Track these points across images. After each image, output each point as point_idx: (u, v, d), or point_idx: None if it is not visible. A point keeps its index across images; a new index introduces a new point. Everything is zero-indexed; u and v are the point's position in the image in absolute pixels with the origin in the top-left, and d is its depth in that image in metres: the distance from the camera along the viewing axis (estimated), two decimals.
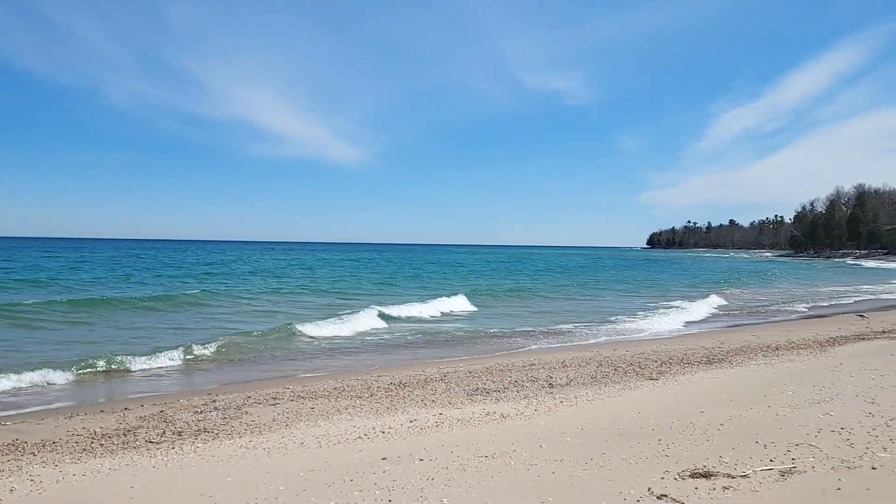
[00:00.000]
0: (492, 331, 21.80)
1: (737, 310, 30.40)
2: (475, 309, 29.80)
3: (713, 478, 5.60)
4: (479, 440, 7.69)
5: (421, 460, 6.79)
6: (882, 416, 7.57)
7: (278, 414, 9.99)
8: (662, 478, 5.71)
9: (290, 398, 11.13)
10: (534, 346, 18.49)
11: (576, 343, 19.18)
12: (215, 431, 9.03)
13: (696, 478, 5.65)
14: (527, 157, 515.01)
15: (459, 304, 30.45)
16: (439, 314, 27.45)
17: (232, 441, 8.42)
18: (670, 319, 25.45)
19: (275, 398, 11.13)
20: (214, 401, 11.09)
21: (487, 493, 5.57)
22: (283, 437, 8.50)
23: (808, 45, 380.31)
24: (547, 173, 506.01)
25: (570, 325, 23.20)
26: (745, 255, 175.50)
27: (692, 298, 34.40)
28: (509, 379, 12.65)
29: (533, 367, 14.12)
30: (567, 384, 12.13)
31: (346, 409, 10.25)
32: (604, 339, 19.98)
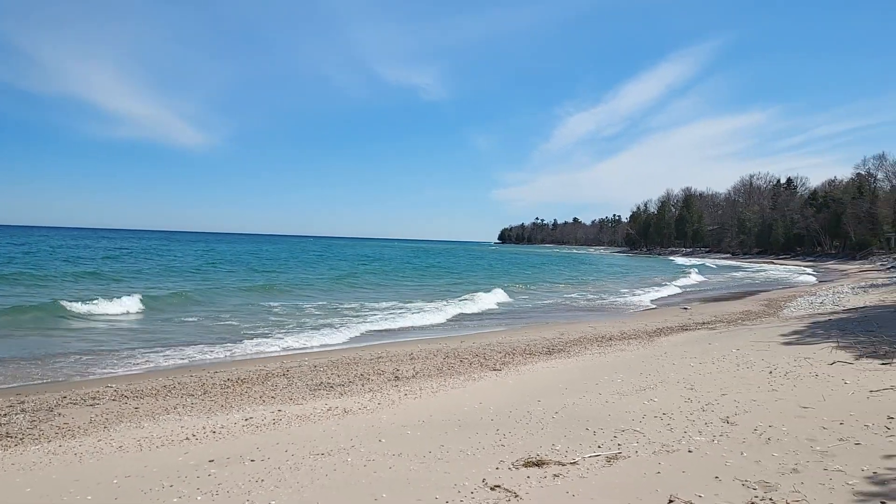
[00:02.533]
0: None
1: (579, 303, 32.03)
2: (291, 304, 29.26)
3: (545, 466, 5.69)
4: (317, 437, 7.41)
5: (252, 461, 6.41)
6: (699, 402, 8.11)
7: (96, 415, 9.12)
8: (497, 468, 5.74)
9: (112, 398, 10.22)
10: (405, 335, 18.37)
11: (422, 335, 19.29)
12: (20, 436, 8.08)
13: (530, 466, 5.72)
14: (383, 150, 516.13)
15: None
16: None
17: (39, 447, 7.56)
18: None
19: (94, 398, 10.17)
20: (22, 402, 9.95)
21: (319, 493, 5.32)
22: (99, 440, 7.74)
23: (643, 57, 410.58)
24: (403, 167, 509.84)
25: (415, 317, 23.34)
26: (593, 252, 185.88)
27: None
28: (355, 372, 12.41)
29: (381, 359, 13.98)
30: (413, 376, 12.10)
31: (175, 408, 9.56)
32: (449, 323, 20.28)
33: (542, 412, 8.08)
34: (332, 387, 11.14)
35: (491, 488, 5.18)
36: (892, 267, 56.41)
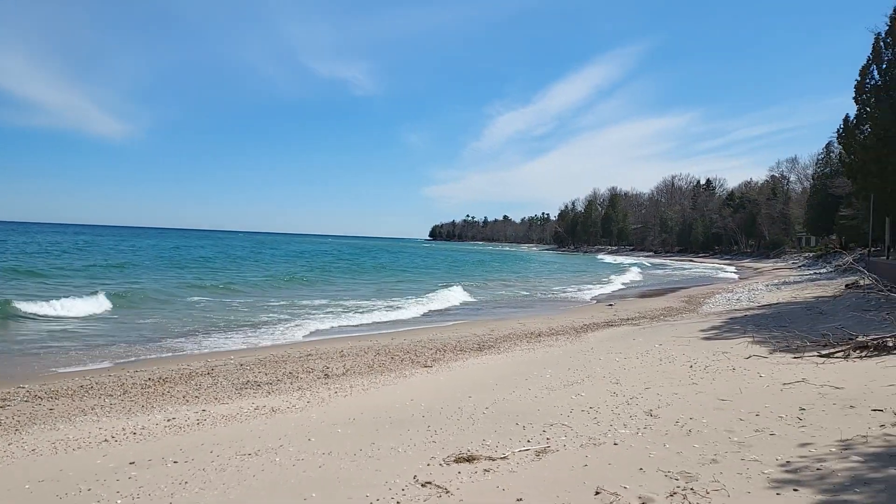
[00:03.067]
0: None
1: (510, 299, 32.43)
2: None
3: (476, 461, 5.73)
4: (244, 437, 7.23)
5: (175, 462, 6.20)
6: (624, 396, 8.34)
7: (7, 417, 8.64)
8: (428, 464, 5.74)
9: (25, 399, 9.71)
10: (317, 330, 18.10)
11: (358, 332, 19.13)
12: None
13: (460, 462, 5.74)
14: (314, 144, 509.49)
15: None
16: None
17: None
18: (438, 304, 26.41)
19: (4, 400, 9.64)
20: None
21: (246, 494, 5.20)
22: (9, 443, 7.34)
23: (571, 59, 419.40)
24: (335, 162, 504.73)
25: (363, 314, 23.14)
26: (525, 250, 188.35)
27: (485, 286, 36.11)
28: (284, 370, 12.19)
29: (310, 357, 13.78)
30: (344, 374, 11.98)
31: (92, 409, 9.16)
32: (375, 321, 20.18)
33: (472, 408, 8.13)
34: (259, 385, 10.91)
35: (422, 485, 5.18)
36: (803, 265, 59.45)
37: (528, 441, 6.33)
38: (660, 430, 6.47)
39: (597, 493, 4.74)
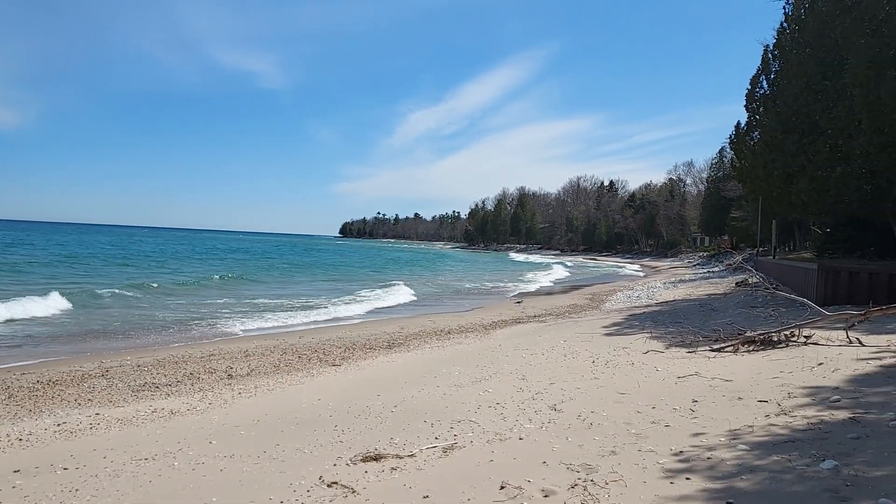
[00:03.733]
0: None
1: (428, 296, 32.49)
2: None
3: (383, 460, 5.71)
4: (140, 441, 6.93)
5: (65, 469, 5.87)
6: (530, 391, 8.52)
7: None
8: (335, 465, 5.67)
9: None
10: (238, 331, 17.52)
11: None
12: None
13: (368, 461, 5.71)
14: (219, 137, 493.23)
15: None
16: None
17: None
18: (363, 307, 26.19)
19: None
20: None
21: (142, 501, 4.98)
22: None
23: (482, 59, 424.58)
24: (242, 155, 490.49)
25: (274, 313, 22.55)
26: (440, 248, 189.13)
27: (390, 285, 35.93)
28: (184, 371, 11.76)
29: (213, 357, 13.35)
30: (248, 374, 11.68)
31: None
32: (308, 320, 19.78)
33: (381, 406, 8.10)
34: (157, 387, 10.48)
35: (328, 485, 5.11)
36: (698, 264, 62.58)
37: (436, 438, 6.37)
38: (563, 423, 6.65)
39: (501, 487, 4.82)
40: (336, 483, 5.14)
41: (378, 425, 7.12)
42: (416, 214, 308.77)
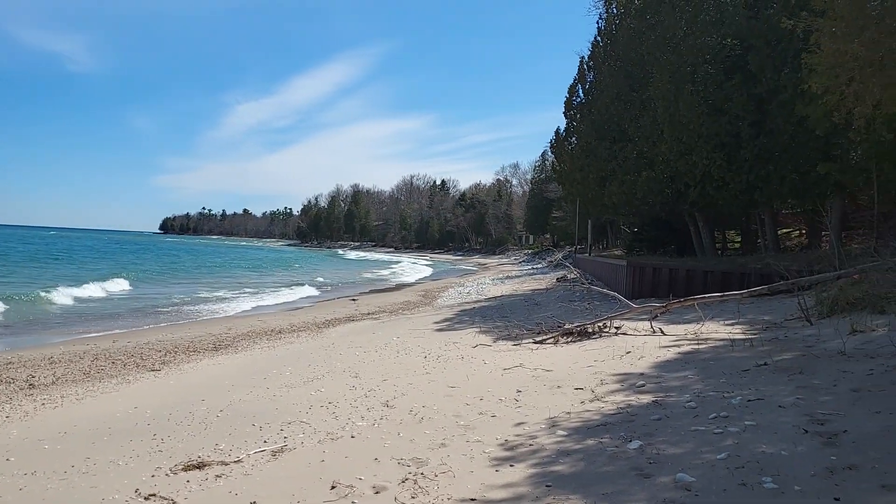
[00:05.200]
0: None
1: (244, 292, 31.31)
2: None
3: (207, 467, 5.44)
4: None
5: None
6: (363, 389, 8.51)
7: None
8: (153, 476, 5.32)
9: None
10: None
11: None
12: None
13: (190, 470, 5.41)
14: (18, 121, 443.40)
15: None
16: None
17: None
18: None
19: None
20: None
21: None
22: None
23: (314, 54, 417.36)
24: (44, 141, 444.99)
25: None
26: (276, 245, 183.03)
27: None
28: None
29: (10, 365, 12.01)
30: (53, 383, 10.64)
31: None
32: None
33: (205, 412, 7.72)
34: None
35: (145, 498, 4.78)
36: (523, 261, 65.93)
37: (265, 441, 6.17)
38: (395, 419, 6.72)
39: (332, 487, 4.77)
40: (154, 495, 4.83)
41: (202, 432, 6.77)
42: (244, 210, 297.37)
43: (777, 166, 19.10)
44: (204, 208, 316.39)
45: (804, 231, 27.30)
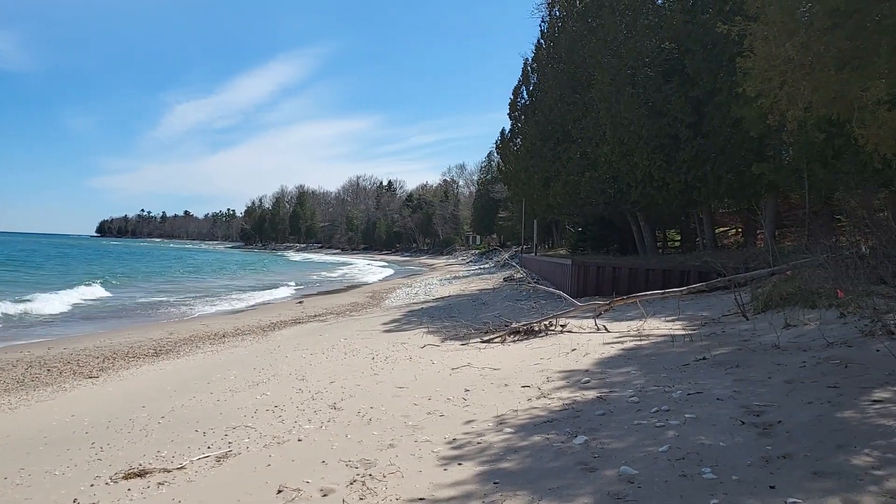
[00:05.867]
0: None
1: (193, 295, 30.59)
2: None
3: (149, 475, 5.30)
4: None
5: None
6: (310, 392, 8.42)
7: None
8: (92, 485, 5.16)
9: None
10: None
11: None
12: None
13: (131, 478, 5.27)
14: None
15: None
16: None
17: None
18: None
19: None
20: None
21: None
22: None
23: (256, 53, 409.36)
24: None
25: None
26: (206, 246, 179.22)
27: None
28: None
29: None
30: None
31: None
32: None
33: (146, 418, 7.52)
34: None
35: None
36: (470, 261, 66.28)
37: (209, 447, 6.05)
38: (343, 421, 6.67)
39: (279, 491, 4.71)
40: None
41: (143, 439, 6.60)
42: (185, 212, 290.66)
43: (714, 166, 19.71)
44: (143, 210, 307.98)
45: (740, 229, 28.24)
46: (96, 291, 30.79)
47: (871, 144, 8.23)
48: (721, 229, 29.58)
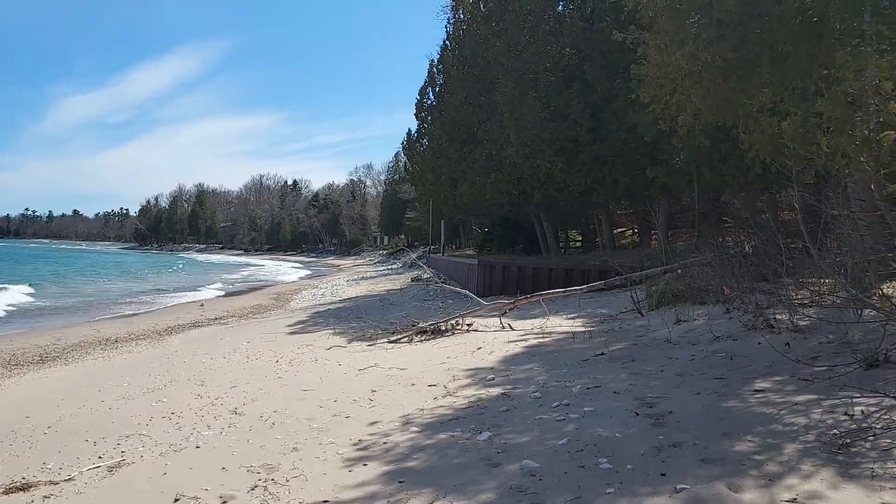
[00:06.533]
0: None
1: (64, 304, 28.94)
2: None
3: (33, 489, 5.00)
4: None
5: None
6: (209, 397, 8.16)
7: None
8: None
9: None
10: None
11: None
12: None
13: (12, 493, 4.95)
14: None
15: None
16: None
17: None
18: None
19: None
20: None
21: None
22: None
23: (150, 45, 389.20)
24: None
25: None
26: (99, 247, 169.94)
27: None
28: None
29: None
30: None
31: None
32: None
33: (31, 429, 7.08)
34: None
35: None
36: (378, 262, 66.03)
37: (100, 457, 5.76)
38: (244, 426, 6.50)
39: (176, 499, 4.54)
40: None
41: (27, 451, 6.21)
42: (74, 211, 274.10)
43: (611, 169, 20.49)
44: (27, 209, 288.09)
45: (637, 230, 29.49)
46: None
47: (753, 150, 8.77)
48: (619, 230, 30.78)
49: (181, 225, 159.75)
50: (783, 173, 7.93)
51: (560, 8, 23.64)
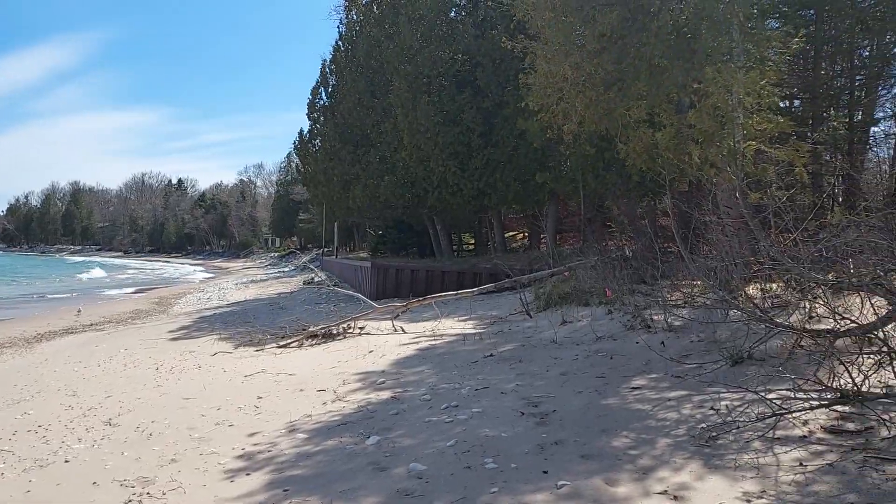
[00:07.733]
0: None
1: None
2: None
3: None
4: None
5: None
6: (81, 408, 7.67)
7: None
8: None
9: None
10: None
11: None
12: None
13: None
14: None
15: None
16: None
17: None
18: None
19: None
20: None
21: None
22: None
23: (22, 31, 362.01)
24: None
25: None
26: None
27: None
28: None
29: None
30: None
31: None
32: None
33: None
34: None
35: None
36: (269, 264, 64.38)
37: None
38: (119, 438, 6.16)
39: None
40: None
41: None
42: None
43: (503, 174, 20.93)
44: None
45: (526, 234, 30.27)
46: None
47: (630, 159, 9.24)
48: (510, 233, 31.48)
49: (54, 225, 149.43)
50: (658, 181, 8.39)
51: (453, 14, 23.91)
